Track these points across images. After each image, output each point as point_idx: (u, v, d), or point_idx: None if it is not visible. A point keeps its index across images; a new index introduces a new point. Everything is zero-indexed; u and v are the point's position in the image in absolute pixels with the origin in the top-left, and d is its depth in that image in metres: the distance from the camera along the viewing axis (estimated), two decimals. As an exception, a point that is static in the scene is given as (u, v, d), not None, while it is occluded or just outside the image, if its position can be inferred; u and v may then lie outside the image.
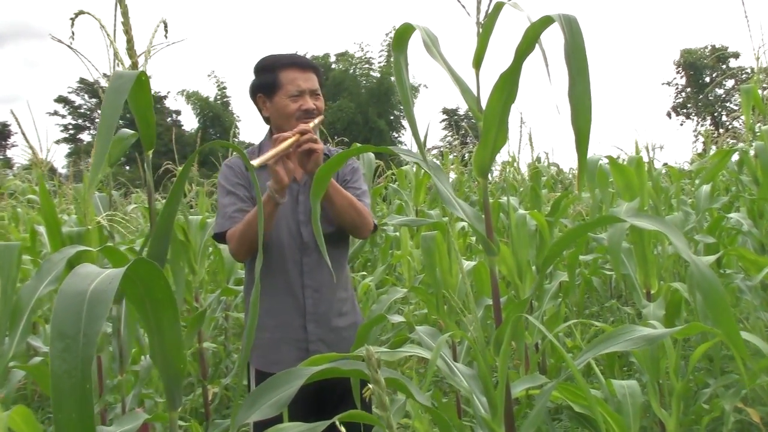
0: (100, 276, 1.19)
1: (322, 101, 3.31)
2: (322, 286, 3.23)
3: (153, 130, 1.62)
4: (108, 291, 1.15)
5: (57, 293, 1.18)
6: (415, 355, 3.19)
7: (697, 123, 57.03)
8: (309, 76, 3.26)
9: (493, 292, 2.18)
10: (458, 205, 2.20)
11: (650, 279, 3.66)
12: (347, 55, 50.74)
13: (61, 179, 7.15)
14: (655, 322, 2.93)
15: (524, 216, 4.23)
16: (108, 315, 1.35)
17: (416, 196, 7.04)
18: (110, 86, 1.39)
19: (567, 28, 1.87)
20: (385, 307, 3.59)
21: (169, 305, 1.35)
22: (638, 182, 3.61)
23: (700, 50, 57.38)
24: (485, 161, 2.14)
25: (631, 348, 2.02)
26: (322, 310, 3.22)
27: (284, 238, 3.21)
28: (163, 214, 1.48)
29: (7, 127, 51.18)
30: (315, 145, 2.99)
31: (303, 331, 3.19)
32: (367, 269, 7.83)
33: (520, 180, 5.41)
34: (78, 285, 1.17)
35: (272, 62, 3.28)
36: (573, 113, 1.86)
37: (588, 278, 5.40)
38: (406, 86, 2.17)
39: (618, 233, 3.31)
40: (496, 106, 2.07)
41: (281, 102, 3.23)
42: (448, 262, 3.48)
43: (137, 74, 1.42)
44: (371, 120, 46.96)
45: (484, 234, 2.16)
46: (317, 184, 2.16)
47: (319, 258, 3.21)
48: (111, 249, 2.03)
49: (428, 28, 2.21)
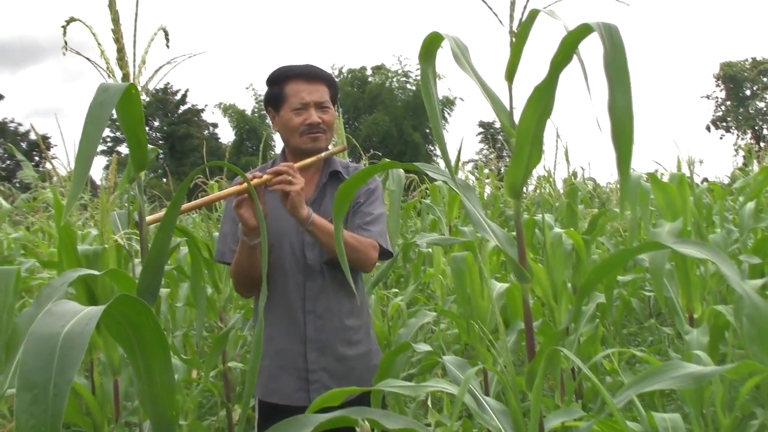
0: (76, 316, 1.05)
1: (332, 114, 3.14)
2: (327, 312, 3.05)
3: (145, 149, 1.47)
4: (83, 334, 1.02)
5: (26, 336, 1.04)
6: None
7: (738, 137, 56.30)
8: (316, 88, 3.09)
9: (525, 321, 2.02)
10: (489, 228, 2.05)
11: (693, 302, 3.48)
12: (383, 68, 50.69)
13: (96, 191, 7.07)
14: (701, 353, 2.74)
15: (560, 235, 4.06)
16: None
17: (449, 211, 6.88)
18: (94, 100, 1.24)
19: (607, 38, 1.72)
20: (413, 332, 3.43)
21: (160, 347, 1.21)
22: (680, 201, 3.43)
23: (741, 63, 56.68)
24: (518, 180, 1.99)
25: (677, 386, 1.86)
26: (326, 338, 3.03)
27: (287, 260, 3.06)
28: (154, 245, 1.34)
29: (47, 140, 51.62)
30: (288, 186, 2.77)
31: (303, 359, 3.02)
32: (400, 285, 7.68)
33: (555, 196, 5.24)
34: (50, 326, 1.04)
35: (279, 74, 3.14)
36: (613, 130, 1.71)
37: (627, 300, 5.21)
38: (435, 100, 2.02)
39: (660, 255, 3.14)
40: (530, 121, 1.92)
41: (286, 116, 3.08)
42: (480, 284, 3.33)
43: (126, 87, 1.28)
44: (406, 133, 46.84)
45: (516, 259, 2.01)
46: (338, 202, 2.02)
47: (324, 282, 3.05)
48: (117, 273, 1.90)
49: (458, 38, 2.06)
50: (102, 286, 3.11)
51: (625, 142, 1.69)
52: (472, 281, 3.32)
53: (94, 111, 1.23)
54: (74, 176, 1.18)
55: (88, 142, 1.20)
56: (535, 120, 1.91)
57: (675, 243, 1.82)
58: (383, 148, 40.58)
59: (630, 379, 2.00)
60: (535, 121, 1.92)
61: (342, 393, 1.92)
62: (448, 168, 2.03)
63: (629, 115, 1.69)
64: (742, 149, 14.96)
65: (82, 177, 1.18)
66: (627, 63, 1.70)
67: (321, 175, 3.15)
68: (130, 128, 1.43)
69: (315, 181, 3.15)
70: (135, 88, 1.33)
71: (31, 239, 6.96)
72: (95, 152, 1.21)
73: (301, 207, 2.79)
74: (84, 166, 1.18)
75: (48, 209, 8.43)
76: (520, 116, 1.91)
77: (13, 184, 14.99)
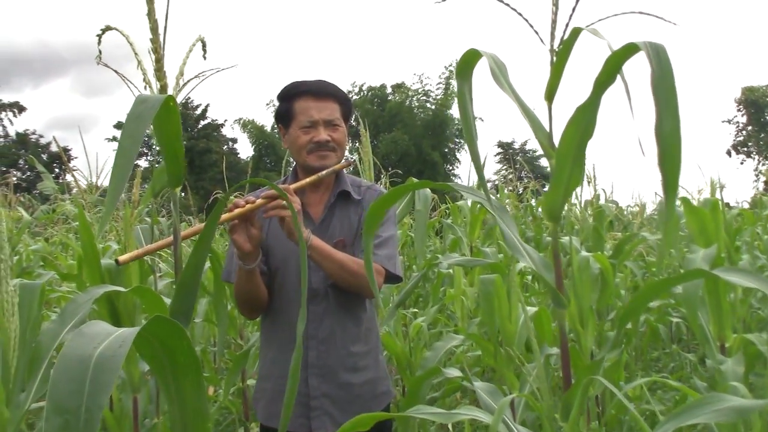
0: (109, 338, 1.00)
1: (343, 132, 3.05)
2: (331, 337, 2.96)
3: (181, 164, 1.41)
4: (117, 357, 0.97)
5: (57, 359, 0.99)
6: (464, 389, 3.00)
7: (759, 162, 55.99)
8: (325, 105, 3.00)
9: (562, 348, 1.96)
10: (525, 251, 1.99)
11: (725, 331, 3.39)
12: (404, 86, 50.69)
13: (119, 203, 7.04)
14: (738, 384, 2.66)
15: (588, 258, 3.98)
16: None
17: (471, 232, 6.82)
18: (131, 112, 1.19)
19: (654, 58, 1.66)
20: (441, 355, 3.35)
21: (193, 371, 1.16)
22: (714, 227, 3.36)
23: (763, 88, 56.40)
24: (557, 204, 1.93)
25: (719, 420, 1.79)
26: (328, 364, 2.94)
27: (291, 283, 2.98)
28: (189, 264, 1.29)
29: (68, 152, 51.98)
30: (282, 212, 2.66)
31: (305, 385, 2.93)
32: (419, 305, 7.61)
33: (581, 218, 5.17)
34: (82, 348, 0.99)
35: (289, 90, 3.06)
36: (660, 155, 1.65)
37: (654, 326, 5.12)
38: (471, 118, 1.97)
39: (695, 283, 3.06)
40: (571, 142, 1.86)
41: (294, 133, 3.01)
42: (508, 308, 3.25)
43: (164, 99, 1.23)
44: (425, 152, 46.74)
45: (554, 284, 1.95)
46: (368, 222, 1.97)
47: (328, 307, 2.96)
48: (143, 290, 1.84)
49: (496, 55, 2.01)
50: (124, 302, 3.06)
51: (672, 167, 1.63)
52: (500, 304, 3.25)
53: (132, 124, 1.17)
54: (110, 190, 1.12)
55: (124, 156, 1.15)
56: (576, 140, 1.86)
57: (720, 271, 1.76)
58: (402, 166, 40.50)
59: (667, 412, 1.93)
60: (576, 141, 1.86)
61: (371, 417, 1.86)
62: (483, 189, 1.98)
63: (677, 140, 1.63)
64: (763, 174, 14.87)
65: (118, 191, 1.12)
66: (675, 85, 1.65)
67: (330, 195, 3.08)
68: (168, 142, 1.37)
69: (324, 201, 3.07)
70: (173, 100, 1.27)
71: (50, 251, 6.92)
72: (132, 166, 1.16)
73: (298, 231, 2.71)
74: (120, 180, 1.13)
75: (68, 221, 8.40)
76: (561, 136, 1.86)
77: (33, 195, 15.02)
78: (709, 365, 4.96)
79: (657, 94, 1.63)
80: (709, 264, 3.10)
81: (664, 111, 1.63)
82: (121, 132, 1.17)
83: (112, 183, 1.13)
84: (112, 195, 1.12)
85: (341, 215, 3.02)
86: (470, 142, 1.96)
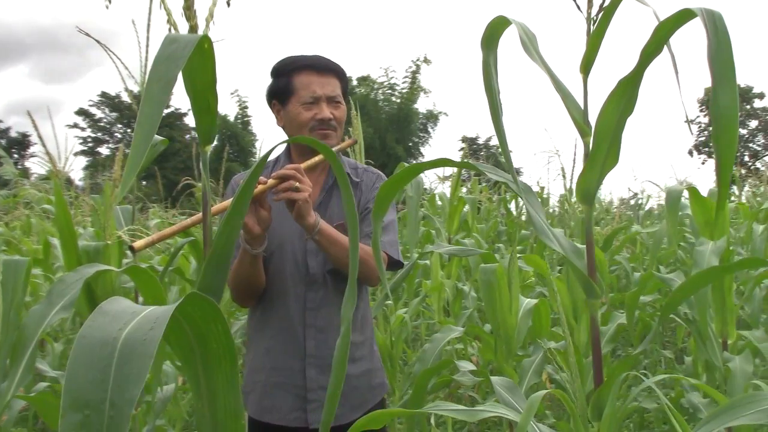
0: (136, 317, 0.83)
1: (344, 110, 2.89)
2: (329, 326, 2.78)
3: (214, 118, 1.20)
4: (149, 341, 0.80)
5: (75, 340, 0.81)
6: (458, 382, 2.83)
7: (719, 162, 56.42)
8: (327, 81, 2.84)
9: (593, 342, 1.81)
10: (554, 237, 1.84)
11: (728, 327, 3.27)
12: (369, 79, 50.44)
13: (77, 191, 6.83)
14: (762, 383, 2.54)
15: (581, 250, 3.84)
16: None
17: (449, 223, 6.67)
18: (159, 53, 1.02)
19: (711, 26, 1.52)
20: (440, 347, 3.19)
21: (228, 361, 0.98)
22: (721, 219, 3.23)
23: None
24: (592, 185, 1.78)
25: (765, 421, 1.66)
26: (328, 354, 2.74)
27: (288, 269, 2.79)
28: (220, 236, 1.11)
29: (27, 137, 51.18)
30: (295, 194, 2.47)
31: (302, 376, 2.75)
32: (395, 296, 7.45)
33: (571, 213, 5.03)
34: (104, 330, 0.82)
35: (287, 64, 2.87)
36: (716, 129, 1.52)
37: (647, 321, 5.00)
38: (496, 91, 1.82)
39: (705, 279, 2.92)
40: (611, 119, 1.72)
41: (294, 110, 2.81)
42: (509, 299, 3.10)
43: (199, 39, 1.04)
44: (389, 146, 46.55)
45: (585, 272, 1.81)
46: (379, 204, 1.80)
47: (327, 294, 2.78)
48: (138, 269, 1.67)
49: (525, 24, 1.86)
50: (103, 285, 2.86)
51: (728, 144, 1.50)
52: (500, 295, 3.09)
53: (161, 66, 0.97)
54: (135, 143, 0.93)
55: (151, 104, 0.95)
56: (616, 117, 1.72)
57: (777, 260, 1.62)
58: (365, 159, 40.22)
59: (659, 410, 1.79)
60: (616, 118, 1.72)
61: (387, 414, 1.70)
62: (509, 168, 1.83)
63: (734, 115, 1.50)
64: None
65: (145, 143, 0.93)
66: (732, 56, 1.51)
67: (327, 176, 2.90)
68: (200, 92, 1.17)
69: (321, 182, 2.88)
70: (209, 41, 1.08)
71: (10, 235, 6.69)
72: (161, 115, 0.97)
73: (308, 215, 2.51)
74: (149, 131, 0.93)
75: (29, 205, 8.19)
76: (600, 112, 1.71)
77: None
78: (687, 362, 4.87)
79: (714, 66, 1.49)
80: (718, 257, 2.98)
81: (721, 84, 1.49)
82: (149, 76, 0.98)
83: (138, 135, 0.94)
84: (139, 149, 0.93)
85: (340, 198, 2.85)
86: (495, 118, 1.81)
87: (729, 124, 1.49)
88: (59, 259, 5.09)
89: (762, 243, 4.79)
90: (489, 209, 9.68)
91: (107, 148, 52.72)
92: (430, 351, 3.20)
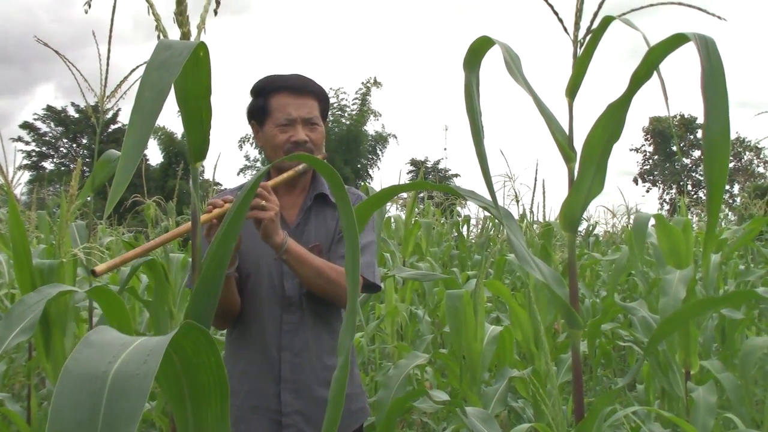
0: (127, 349, 0.75)
1: (321, 132, 2.81)
2: (305, 349, 2.71)
3: (207, 131, 1.13)
4: (143, 376, 0.72)
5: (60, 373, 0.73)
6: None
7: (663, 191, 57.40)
8: (304, 102, 2.77)
9: (575, 373, 1.76)
10: (535, 264, 1.79)
11: (691, 357, 3.25)
12: (319, 100, 50.41)
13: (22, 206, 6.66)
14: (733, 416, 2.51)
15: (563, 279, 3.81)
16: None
17: (405, 247, 6.63)
18: (152, 60, 0.94)
19: (704, 52, 1.49)
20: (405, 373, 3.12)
21: (218, 395, 0.91)
22: (685, 247, 3.22)
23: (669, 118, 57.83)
24: (576, 212, 1.74)
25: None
26: (302, 378, 2.69)
27: (264, 291, 2.72)
28: (212, 258, 1.02)
29: (-32, 150, 50.13)
30: (261, 213, 2.43)
31: (277, 400, 2.68)
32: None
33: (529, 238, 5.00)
34: (93, 364, 0.75)
35: (265, 85, 2.82)
36: (707, 156, 1.49)
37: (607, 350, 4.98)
38: (477, 113, 1.78)
39: (672, 305, 2.90)
40: (597, 144, 1.68)
41: (270, 131, 2.76)
42: (474, 326, 3.04)
43: (195, 46, 0.97)
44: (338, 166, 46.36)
45: (567, 301, 1.76)
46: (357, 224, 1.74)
47: (303, 316, 2.72)
48: (102, 290, 1.59)
49: (509, 46, 1.81)
50: (56, 304, 2.74)
51: (719, 171, 1.48)
52: (465, 322, 3.04)
53: (154, 73, 0.89)
54: (124, 154, 0.85)
55: (143, 111, 0.87)
56: (602, 142, 1.69)
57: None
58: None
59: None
60: (602, 143, 1.69)
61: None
62: (490, 193, 1.78)
63: (725, 143, 1.48)
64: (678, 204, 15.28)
65: (136, 155, 0.84)
66: (725, 83, 1.48)
67: (306, 197, 2.84)
68: (193, 104, 1.09)
69: (299, 203, 2.83)
70: (205, 49, 1.00)
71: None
72: (153, 125, 0.89)
73: (275, 233, 2.45)
74: (139, 141, 0.85)
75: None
76: (587, 137, 1.68)
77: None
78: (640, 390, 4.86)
79: (707, 92, 1.46)
80: (686, 286, 2.96)
81: (713, 111, 1.47)
82: (140, 83, 0.90)
83: (127, 144, 0.86)
84: (128, 160, 0.85)
85: (318, 219, 2.79)
86: (477, 140, 1.77)
87: (721, 152, 1.47)
88: (4, 275, 4.92)
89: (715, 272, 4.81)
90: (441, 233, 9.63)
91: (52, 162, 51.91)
92: (395, 377, 3.12)
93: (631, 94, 1.62)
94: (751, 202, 6.71)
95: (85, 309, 3.77)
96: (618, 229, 10.26)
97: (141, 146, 0.89)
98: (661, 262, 3.35)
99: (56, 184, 38.19)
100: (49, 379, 2.96)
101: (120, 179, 0.87)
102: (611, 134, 1.67)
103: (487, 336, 3.15)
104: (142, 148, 0.89)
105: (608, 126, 1.65)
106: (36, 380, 3.40)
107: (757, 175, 49.99)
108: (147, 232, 7.05)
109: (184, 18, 1.10)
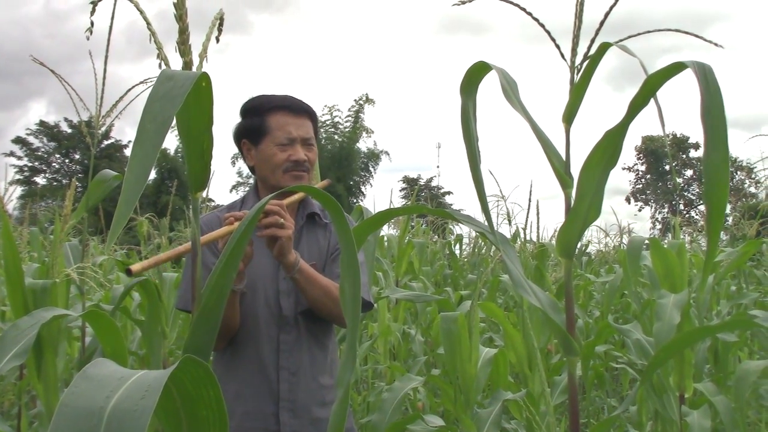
0: (125, 384, 0.74)
1: (315, 152, 2.85)
2: (301, 369, 2.71)
3: (208, 163, 1.12)
4: (141, 411, 0.71)
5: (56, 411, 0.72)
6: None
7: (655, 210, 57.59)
8: (302, 122, 2.79)
9: (571, 398, 1.75)
10: (531, 290, 1.78)
11: (685, 380, 3.24)
12: (313, 117, 50.46)
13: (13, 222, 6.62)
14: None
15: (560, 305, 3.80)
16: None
17: (398, 266, 6.62)
18: (154, 91, 0.94)
19: (702, 80, 1.48)
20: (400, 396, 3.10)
21: (218, 429, 0.90)
22: (680, 270, 3.22)
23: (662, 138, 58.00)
24: (573, 238, 1.74)
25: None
26: (300, 398, 2.69)
27: (260, 310, 2.71)
28: (213, 287, 1.02)
29: (-38, 164, 50.09)
30: (279, 231, 2.43)
31: (275, 421, 2.66)
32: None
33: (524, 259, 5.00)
34: (89, 398, 0.73)
35: (260, 104, 2.81)
36: (707, 185, 1.48)
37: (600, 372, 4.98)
38: (474, 138, 1.77)
39: (668, 330, 2.89)
40: (595, 171, 1.68)
41: (268, 150, 2.75)
42: (469, 349, 3.03)
43: (197, 76, 0.96)
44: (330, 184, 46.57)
45: (564, 327, 1.75)
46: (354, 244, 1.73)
47: (299, 335, 2.72)
48: (96, 314, 1.57)
49: (506, 71, 1.81)
50: (48, 328, 2.72)
51: (719, 200, 1.47)
52: (460, 345, 3.03)
53: (156, 104, 0.88)
54: (126, 187, 0.85)
55: (145, 143, 0.86)
56: (600, 169, 1.68)
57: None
58: (307, 197, 40.10)
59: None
60: (600, 170, 1.68)
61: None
62: (486, 218, 1.77)
63: (725, 171, 1.47)
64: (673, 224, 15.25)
65: (138, 187, 0.85)
66: (724, 111, 1.48)
67: (297, 217, 2.84)
68: (195, 134, 1.07)
69: None
70: (207, 79, 1.00)
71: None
72: (156, 156, 0.88)
73: (290, 252, 2.48)
74: (141, 174, 0.85)
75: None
76: (584, 164, 1.67)
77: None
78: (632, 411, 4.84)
79: (706, 121, 1.46)
80: (680, 310, 2.95)
81: (713, 140, 1.46)
82: (142, 115, 0.89)
83: (129, 177, 0.85)
84: (131, 193, 0.84)
85: (309, 239, 2.80)
86: (473, 165, 1.76)
87: (720, 180, 1.46)
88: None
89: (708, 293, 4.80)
90: (434, 252, 9.62)
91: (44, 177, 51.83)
92: (389, 401, 3.10)
93: (628, 121, 1.62)
94: (746, 222, 6.71)
95: (77, 327, 3.75)
96: (611, 248, 10.25)
97: (143, 179, 0.88)
98: (656, 284, 3.36)
99: (48, 200, 38.12)
100: (40, 399, 2.94)
101: (122, 211, 0.86)
102: (608, 161, 1.67)
103: (482, 359, 3.15)
104: (144, 181, 0.88)
105: (606, 152, 1.65)
106: (26, 399, 3.38)
107: (749, 195, 50.21)
108: (139, 249, 7.01)
109: (186, 47, 1.09)
